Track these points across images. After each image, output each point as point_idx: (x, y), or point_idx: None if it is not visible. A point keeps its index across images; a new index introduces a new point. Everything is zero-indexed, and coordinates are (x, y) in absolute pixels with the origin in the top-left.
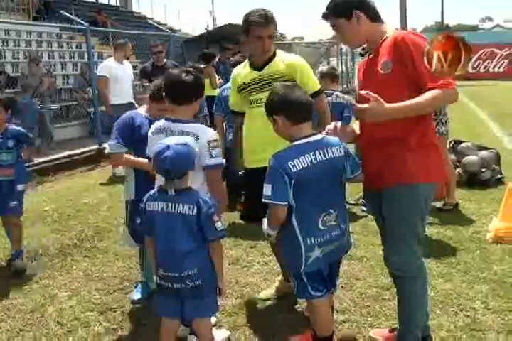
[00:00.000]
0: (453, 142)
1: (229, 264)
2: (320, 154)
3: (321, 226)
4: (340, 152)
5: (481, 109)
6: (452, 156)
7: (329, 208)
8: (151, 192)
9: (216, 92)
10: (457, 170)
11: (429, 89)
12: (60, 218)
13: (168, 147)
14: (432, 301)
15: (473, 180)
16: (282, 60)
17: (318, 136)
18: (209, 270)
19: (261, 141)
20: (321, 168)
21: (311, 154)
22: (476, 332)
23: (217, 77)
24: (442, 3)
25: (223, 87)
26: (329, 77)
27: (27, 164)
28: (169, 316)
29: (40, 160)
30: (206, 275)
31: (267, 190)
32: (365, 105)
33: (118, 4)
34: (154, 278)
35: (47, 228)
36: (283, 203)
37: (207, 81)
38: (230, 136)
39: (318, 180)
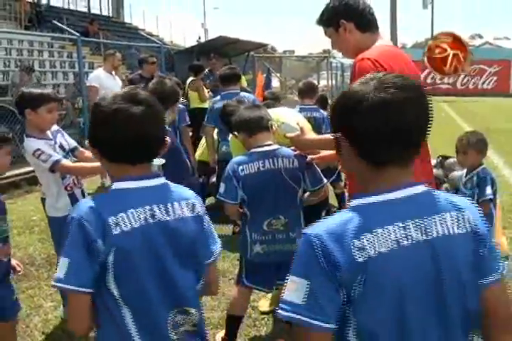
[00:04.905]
0: (440, 157)
1: None
2: (269, 163)
3: (265, 227)
4: (293, 164)
5: (468, 125)
6: (440, 171)
7: (278, 213)
8: None
9: (205, 105)
10: (444, 185)
11: None
12: (48, 228)
13: None
14: None
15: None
16: None
17: (273, 147)
18: None
19: None
20: (268, 175)
21: (260, 162)
22: None
23: (207, 90)
24: (432, 21)
25: (214, 99)
26: (303, 91)
27: None
28: None
29: (30, 169)
30: None
31: (221, 188)
32: (293, 134)
33: (110, 14)
34: None
35: (34, 237)
36: (232, 202)
37: (195, 94)
38: (223, 148)
39: (265, 186)
